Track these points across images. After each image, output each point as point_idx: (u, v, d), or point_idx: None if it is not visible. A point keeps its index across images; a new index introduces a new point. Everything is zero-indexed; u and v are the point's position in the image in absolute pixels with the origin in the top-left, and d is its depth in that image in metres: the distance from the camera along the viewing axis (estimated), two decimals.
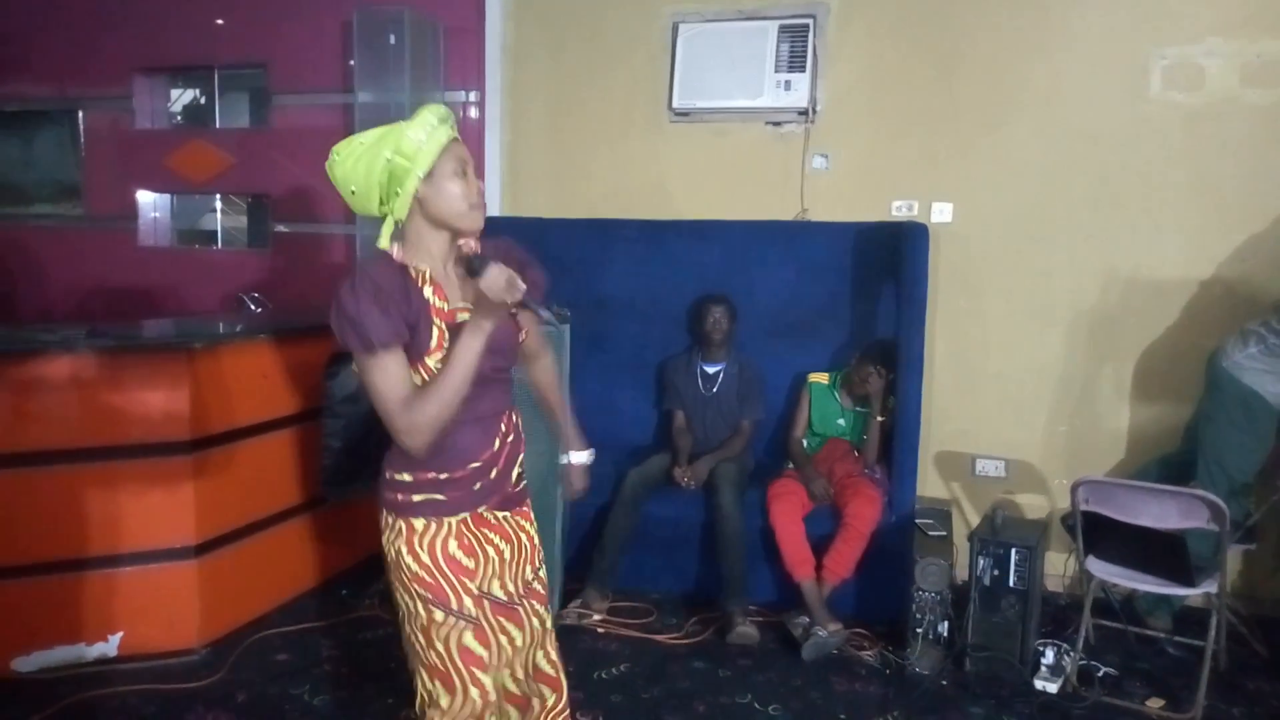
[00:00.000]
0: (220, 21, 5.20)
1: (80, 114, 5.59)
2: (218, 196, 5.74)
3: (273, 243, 5.27)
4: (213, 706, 2.96)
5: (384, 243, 1.86)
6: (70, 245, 5.66)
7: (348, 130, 4.78)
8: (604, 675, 3.20)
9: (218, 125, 5.58)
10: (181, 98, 5.79)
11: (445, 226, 1.85)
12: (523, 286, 1.76)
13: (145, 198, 5.61)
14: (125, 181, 5.55)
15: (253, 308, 4.76)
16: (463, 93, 4.77)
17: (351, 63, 4.70)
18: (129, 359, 3.14)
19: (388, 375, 1.75)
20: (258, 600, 3.57)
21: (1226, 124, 3.72)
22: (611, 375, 4.33)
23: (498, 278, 1.73)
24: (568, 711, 2.14)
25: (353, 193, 1.85)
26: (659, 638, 3.50)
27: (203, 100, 5.73)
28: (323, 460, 3.55)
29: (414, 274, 1.83)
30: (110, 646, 3.18)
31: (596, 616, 3.59)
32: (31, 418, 3.04)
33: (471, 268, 1.76)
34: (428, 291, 1.82)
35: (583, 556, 3.75)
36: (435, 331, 1.80)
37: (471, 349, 1.75)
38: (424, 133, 1.78)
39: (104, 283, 5.55)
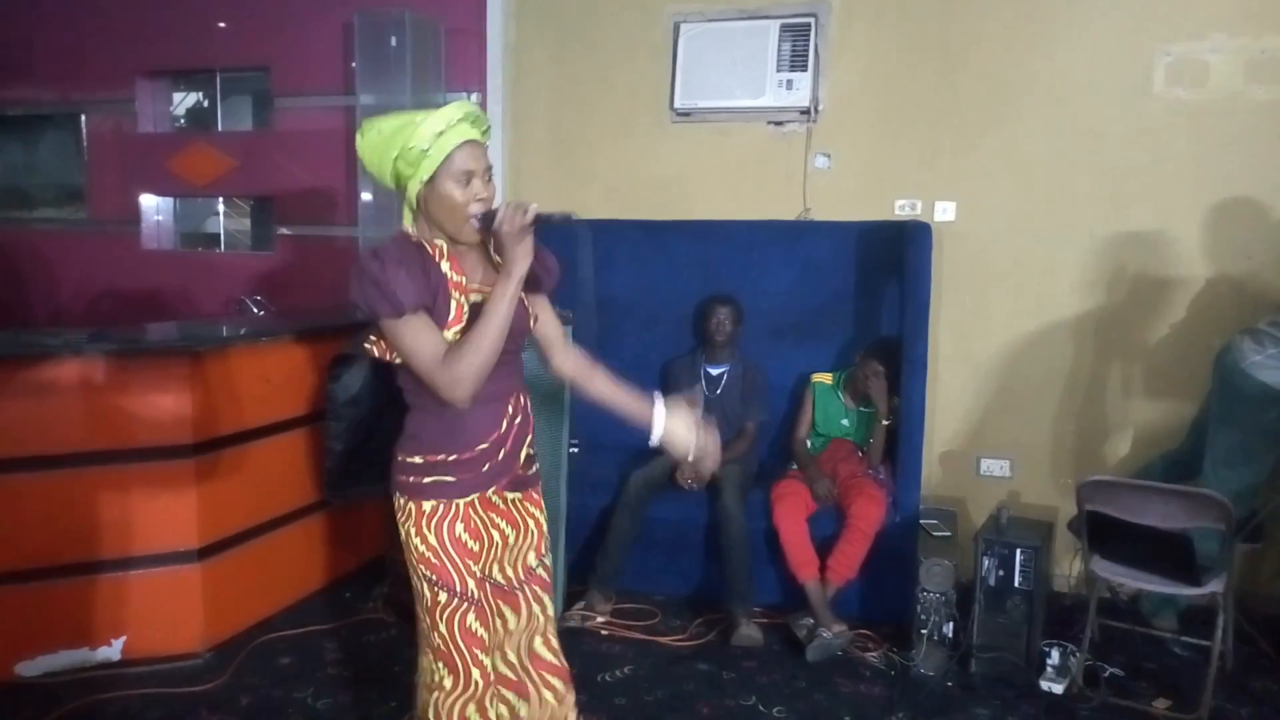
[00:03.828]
0: (222, 25, 5.20)
1: (83, 118, 5.60)
2: (220, 199, 5.75)
3: (276, 245, 5.27)
4: (216, 710, 2.96)
5: (406, 220, 1.92)
6: (73, 249, 5.67)
7: (350, 133, 4.82)
8: (608, 678, 3.19)
9: (220, 128, 5.59)
10: (184, 101, 5.80)
11: (440, 229, 1.88)
12: (534, 205, 1.81)
13: (148, 201, 5.62)
14: (128, 185, 5.56)
15: (255, 310, 4.76)
16: (464, 94, 4.76)
17: (353, 65, 4.69)
18: (131, 363, 3.14)
19: (420, 336, 1.81)
20: (261, 604, 3.57)
21: (1231, 120, 3.70)
22: (614, 377, 4.32)
23: (507, 212, 1.79)
24: (572, 698, 2.17)
25: (369, 171, 1.90)
26: (663, 640, 3.49)
27: (205, 103, 5.74)
28: (325, 463, 3.56)
29: (430, 249, 1.88)
30: (114, 650, 3.18)
31: (600, 619, 3.58)
32: (34, 422, 3.04)
33: (486, 222, 1.83)
34: (445, 266, 1.87)
35: (586, 559, 3.74)
36: (454, 305, 1.86)
37: (505, 296, 1.81)
38: (429, 140, 1.79)
39: (107, 286, 5.55)
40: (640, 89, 4.49)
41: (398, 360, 1.92)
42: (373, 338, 1.97)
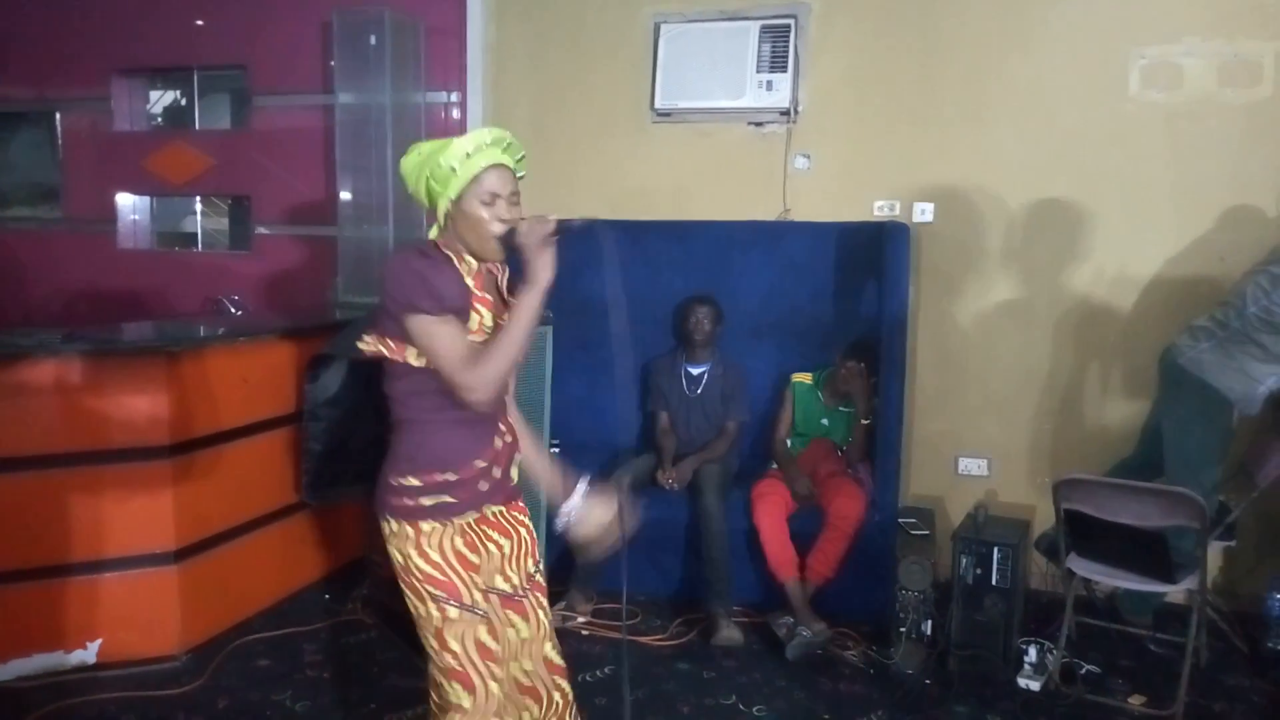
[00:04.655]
0: (199, 22, 5.17)
1: (58, 116, 5.54)
2: (198, 198, 5.70)
3: (254, 245, 5.24)
4: (194, 713, 2.93)
5: (433, 234, 1.96)
6: (49, 248, 5.61)
7: (328, 131, 4.82)
8: (588, 678, 3.18)
9: (197, 127, 5.54)
10: (161, 99, 5.74)
11: (466, 246, 1.92)
12: (553, 216, 1.86)
13: (125, 200, 5.56)
14: (104, 184, 5.51)
15: (232, 310, 4.73)
16: (444, 93, 4.76)
17: (332, 64, 4.67)
18: (107, 363, 3.11)
19: (452, 335, 1.84)
20: (239, 605, 3.54)
21: (1205, 123, 3.74)
22: (595, 377, 4.32)
23: (529, 224, 1.84)
24: (571, 694, 2.20)
25: (410, 190, 1.95)
26: (643, 640, 3.49)
27: (183, 102, 5.69)
28: (304, 464, 3.55)
29: (458, 262, 1.92)
30: (89, 654, 3.15)
31: (581, 619, 3.58)
32: (7, 423, 3.00)
33: (508, 239, 1.87)
34: (469, 280, 1.91)
35: (566, 559, 3.73)
36: (475, 317, 1.89)
37: (531, 305, 1.85)
38: (457, 161, 1.86)
39: (83, 286, 5.49)
40: (620, 89, 4.49)
41: (417, 362, 1.87)
42: (369, 338, 1.92)
